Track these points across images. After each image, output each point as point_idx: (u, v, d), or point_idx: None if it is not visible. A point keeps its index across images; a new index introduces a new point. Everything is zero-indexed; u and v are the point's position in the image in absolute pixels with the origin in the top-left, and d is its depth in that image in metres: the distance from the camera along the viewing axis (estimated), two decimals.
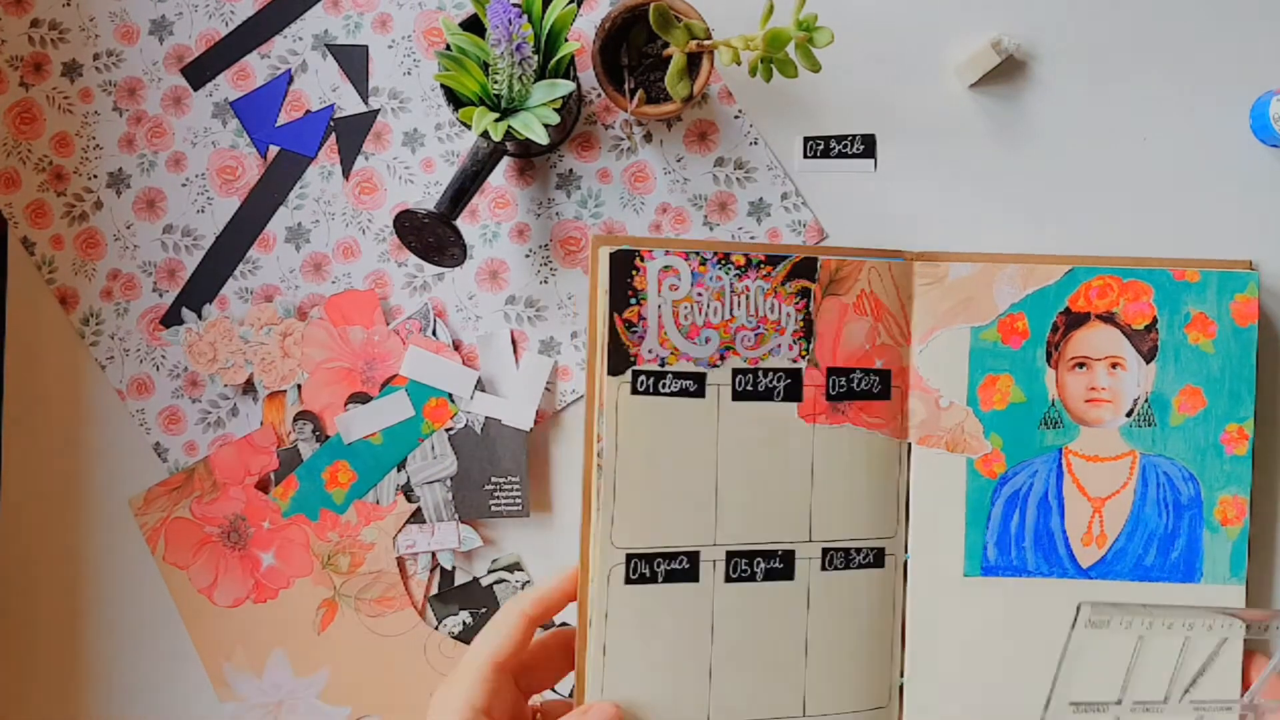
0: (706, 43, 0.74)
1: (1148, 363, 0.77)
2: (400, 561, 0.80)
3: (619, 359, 0.72)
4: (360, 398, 0.80)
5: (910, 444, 0.77)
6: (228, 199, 0.82)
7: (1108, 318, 0.77)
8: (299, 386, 0.80)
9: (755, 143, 0.81)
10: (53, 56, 0.82)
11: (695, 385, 0.73)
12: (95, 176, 0.82)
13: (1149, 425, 0.77)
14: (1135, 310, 0.77)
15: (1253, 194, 0.80)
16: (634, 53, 0.78)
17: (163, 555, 0.81)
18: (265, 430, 0.80)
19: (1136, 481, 0.77)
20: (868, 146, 0.81)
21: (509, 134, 0.71)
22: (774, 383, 0.74)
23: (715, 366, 0.73)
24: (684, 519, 0.73)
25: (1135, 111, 0.80)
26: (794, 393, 0.74)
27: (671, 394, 0.73)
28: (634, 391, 0.72)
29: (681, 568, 0.73)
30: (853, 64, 0.80)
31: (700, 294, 0.73)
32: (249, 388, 0.81)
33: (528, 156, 0.81)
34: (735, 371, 0.74)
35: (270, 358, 0.81)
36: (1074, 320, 0.77)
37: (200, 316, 0.81)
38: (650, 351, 0.72)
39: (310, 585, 0.80)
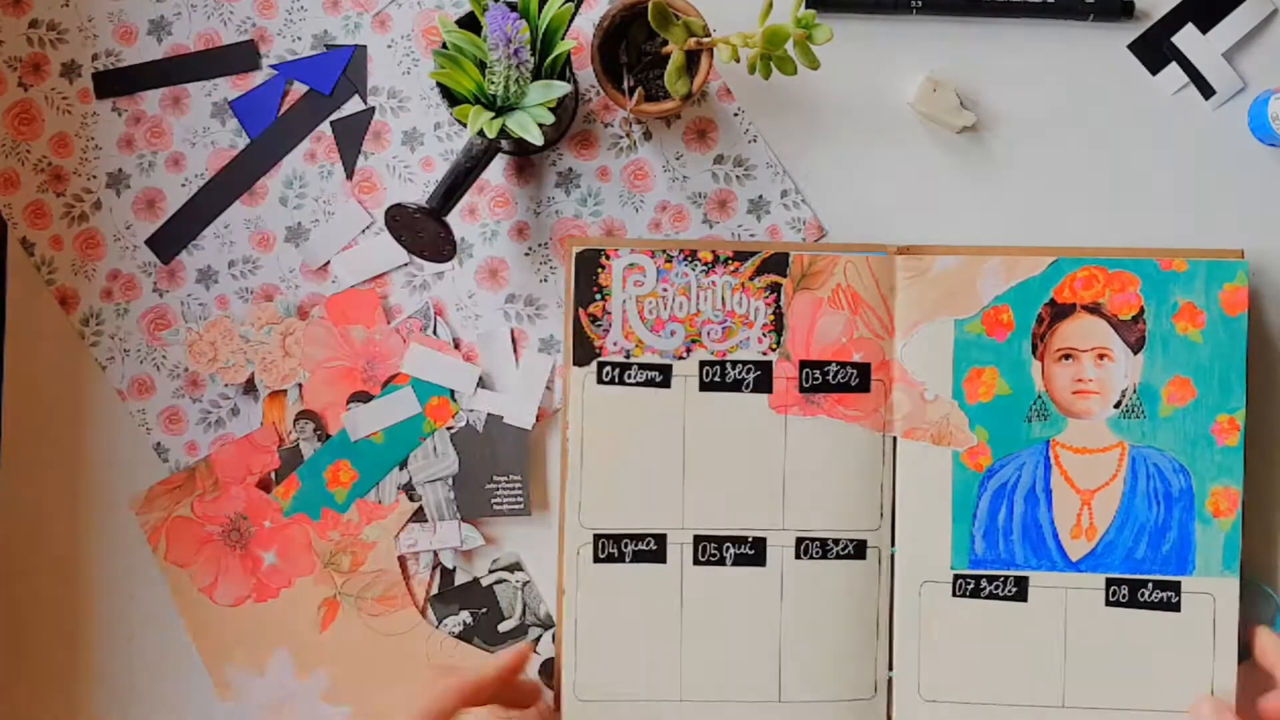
0: (705, 40, 0.74)
1: (1135, 353, 0.77)
2: (402, 560, 0.80)
3: (584, 351, 0.77)
4: (362, 396, 0.80)
5: (895, 437, 0.77)
6: None
7: (1094, 308, 0.77)
8: (300, 386, 0.80)
9: (754, 140, 0.81)
10: (51, 57, 0.82)
11: (661, 376, 0.77)
12: (94, 177, 0.82)
13: (1138, 417, 0.76)
14: (1122, 300, 0.77)
15: (1250, 193, 0.80)
16: (633, 50, 0.78)
17: (164, 554, 0.81)
18: (266, 429, 0.80)
19: (1126, 473, 0.77)
20: None
21: (504, 132, 0.71)
22: (743, 374, 0.77)
23: (682, 358, 0.77)
24: (651, 503, 0.77)
25: (1134, 111, 0.81)
26: (764, 384, 0.77)
27: (637, 384, 0.77)
28: (599, 381, 0.77)
29: (649, 549, 0.77)
30: (851, 59, 0.80)
31: (665, 289, 0.77)
32: (250, 387, 0.81)
33: (524, 154, 0.81)
34: (702, 363, 0.77)
35: (271, 357, 0.81)
36: (1059, 311, 0.77)
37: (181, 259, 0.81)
38: (615, 344, 0.77)
39: (311, 584, 0.80)
